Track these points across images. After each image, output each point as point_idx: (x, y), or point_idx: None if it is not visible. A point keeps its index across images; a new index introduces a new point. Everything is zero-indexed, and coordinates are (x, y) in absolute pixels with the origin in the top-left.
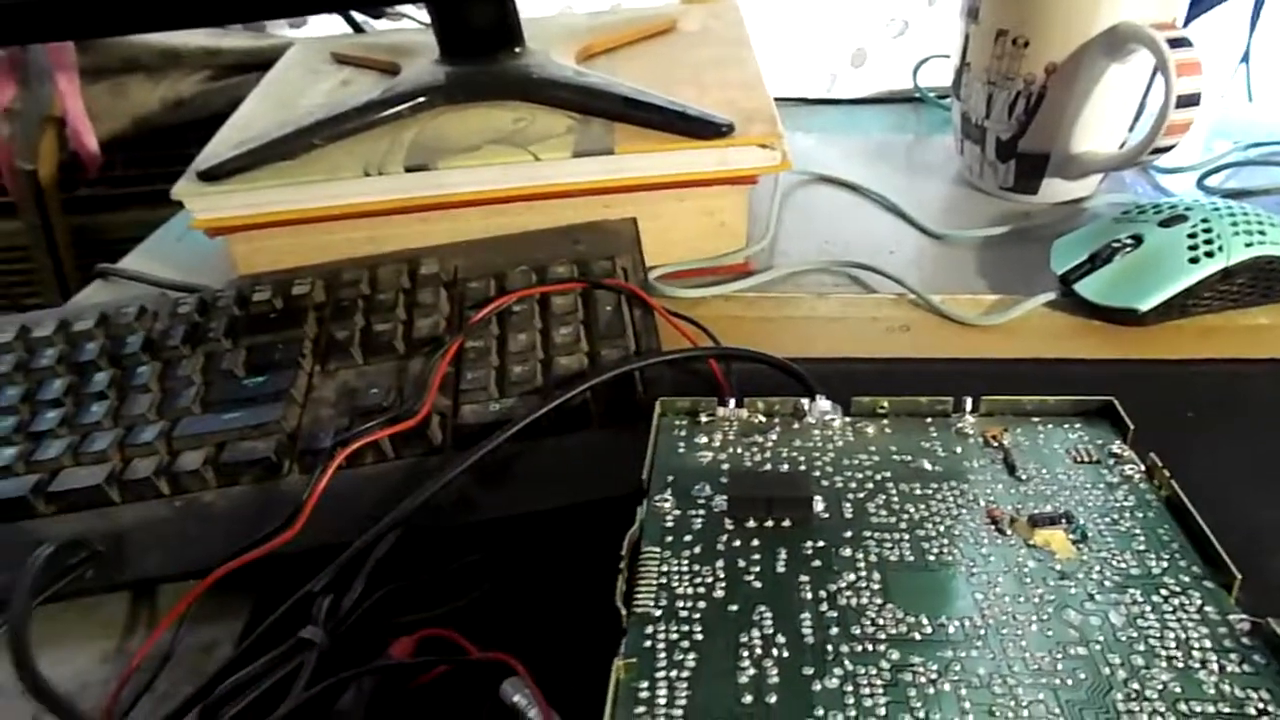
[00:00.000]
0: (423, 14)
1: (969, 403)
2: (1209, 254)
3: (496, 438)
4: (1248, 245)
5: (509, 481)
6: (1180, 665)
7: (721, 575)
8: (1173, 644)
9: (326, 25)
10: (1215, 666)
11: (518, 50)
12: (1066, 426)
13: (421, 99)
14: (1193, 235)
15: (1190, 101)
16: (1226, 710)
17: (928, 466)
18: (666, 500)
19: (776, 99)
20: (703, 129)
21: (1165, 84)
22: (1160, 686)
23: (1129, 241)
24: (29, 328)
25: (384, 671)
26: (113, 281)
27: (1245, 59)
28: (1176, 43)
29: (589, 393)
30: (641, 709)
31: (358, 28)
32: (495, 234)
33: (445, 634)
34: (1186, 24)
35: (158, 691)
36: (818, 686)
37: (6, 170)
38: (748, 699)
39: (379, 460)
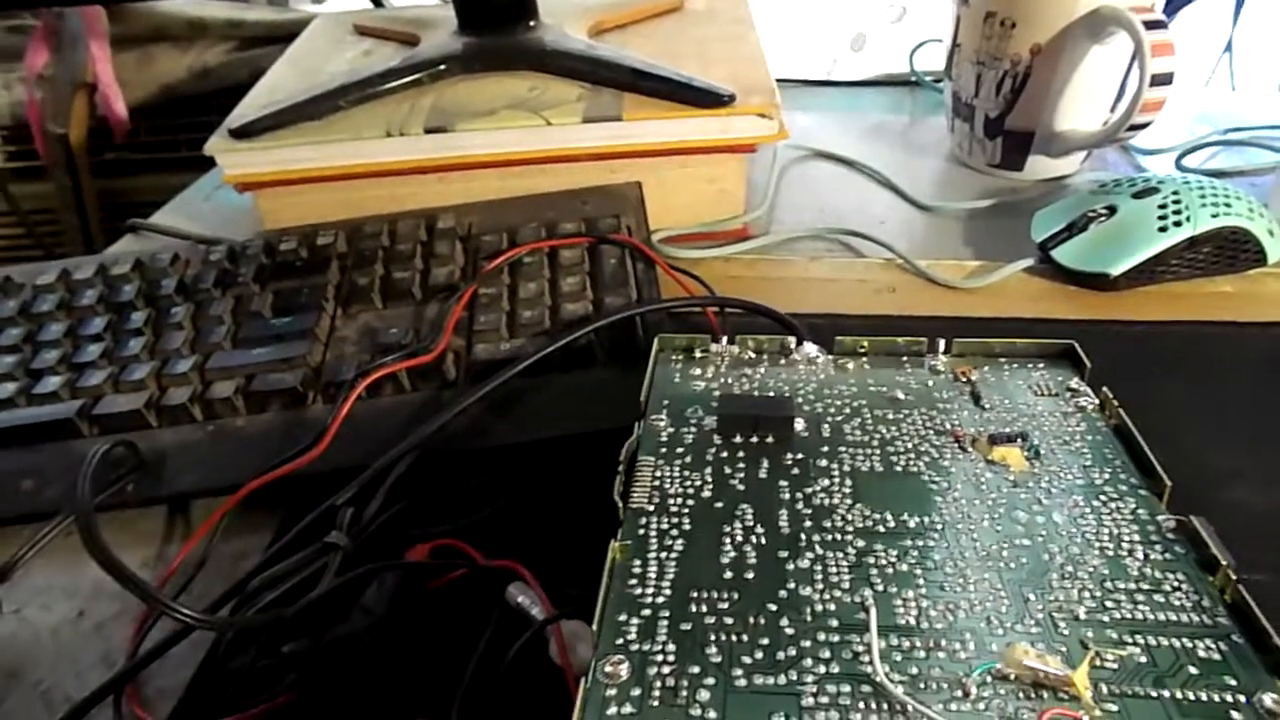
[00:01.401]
0: None
1: (942, 344)
2: (1177, 223)
3: (507, 372)
4: (1214, 216)
5: (518, 412)
6: (1111, 554)
7: (709, 480)
8: (1106, 538)
9: (347, 1)
10: (1141, 555)
11: (532, 24)
12: (1030, 366)
13: (441, 66)
14: (1163, 206)
15: (1164, 80)
16: (1145, 588)
17: (900, 396)
18: (662, 419)
19: (779, 80)
20: (705, 99)
21: (1140, 63)
22: (1091, 569)
23: (1104, 211)
24: (69, 271)
25: (404, 569)
26: (143, 236)
27: (1228, 48)
28: (1152, 25)
29: (593, 334)
30: (634, 582)
31: (378, 2)
32: (508, 195)
33: (457, 544)
34: (1171, 15)
35: (194, 593)
36: (790, 566)
37: (39, 133)
38: (728, 575)
39: (397, 392)
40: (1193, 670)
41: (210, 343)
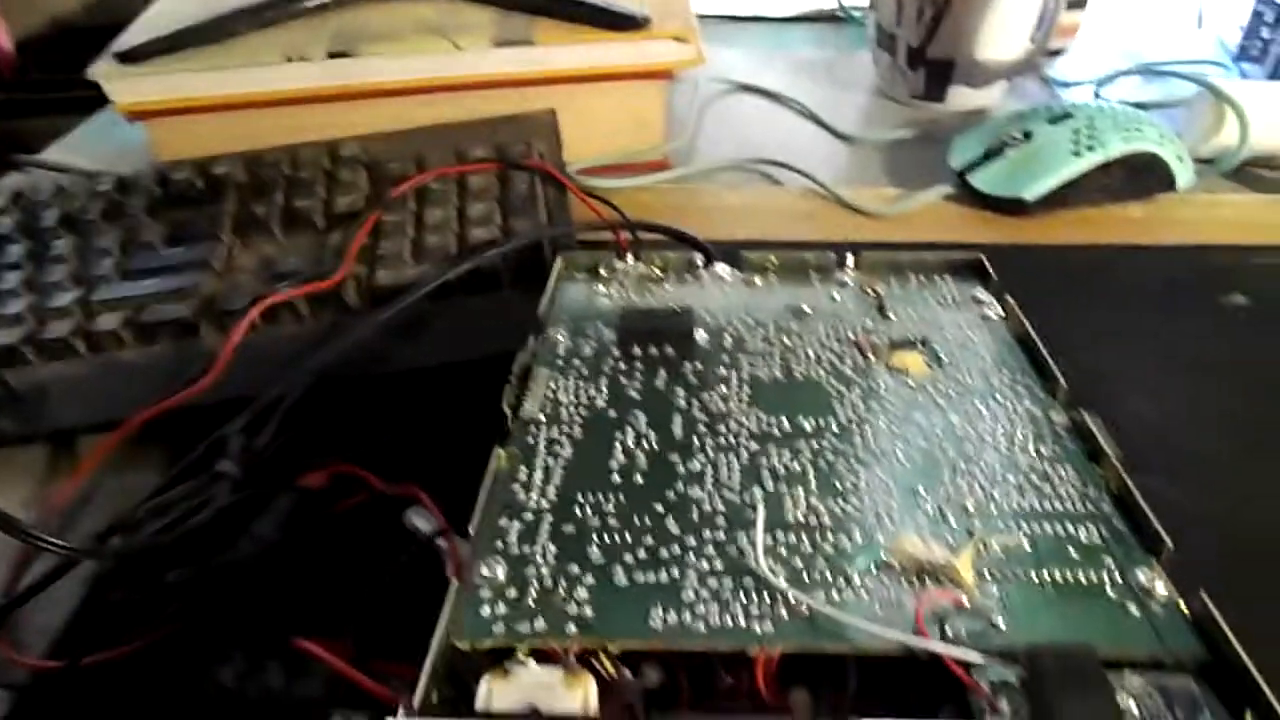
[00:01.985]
0: None
1: (850, 258)
2: (1090, 148)
3: (410, 296)
4: (1125, 141)
5: (423, 337)
6: (1003, 450)
7: (604, 390)
8: (1000, 436)
9: None
10: (1032, 451)
11: None
12: (937, 279)
13: None
14: (1076, 131)
15: (1077, 4)
16: (1034, 480)
17: (806, 308)
18: (561, 334)
19: (706, 15)
20: (620, 21)
21: None
22: (983, 465)
23: (1019, 137)
24: None
25: (298, 496)
26: (28, 173)
27: None
28: None
29: (500, 258)
30: (518, 487)
31: None
32: (416, 125)
33: (355, 470)
34: None
35: (79, 531)
36: (681, 469)
37: None
38: (617, 479)
39: (295, 320)
40: (1073, 554)
41: (95, 275)
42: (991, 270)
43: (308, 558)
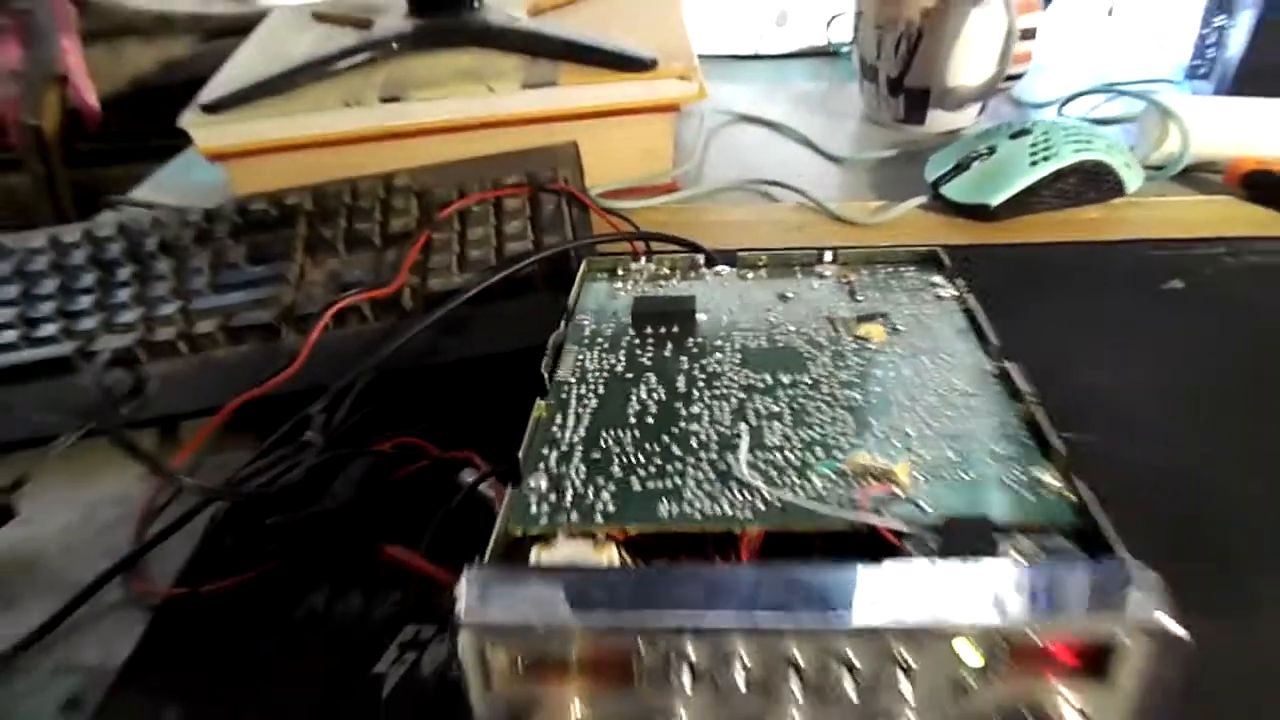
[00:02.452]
0: None
1: (829, 254)
2: (1045, 158)
3: (457, 299)
4: (1076, 151)
5: (467, 333)
6: (943, 393)
7: (622, 359)
8: (941, 383)
9: None
10: (966, 391)
11: (475, 5)
12: (903, 269)
13: (393, 45)
14: (1034, 144)
15: (1029, 35)
16: (965, 413)
17: (789, 294)
18: (586, 319)
19: (711, 55)
20: (631, 64)
21: (1008, 20)
22: (925, 404)
23: (985, 151)
24: (57, 236)
25: (371, 460)
26: (119, 212)
27: (1110, 11)
28: None
29: (533, 266)
30: (555, 429)
31: None
32: (457, 158)
33: (417, 442)
34: None
35: (185, 501)
36: (683, 413)
37: (13, 126)
38: (632, 421)
39: (360, 322)
40: (989, 461)
41: (191, 289)
42: (946, 260)
43: (378, 510)
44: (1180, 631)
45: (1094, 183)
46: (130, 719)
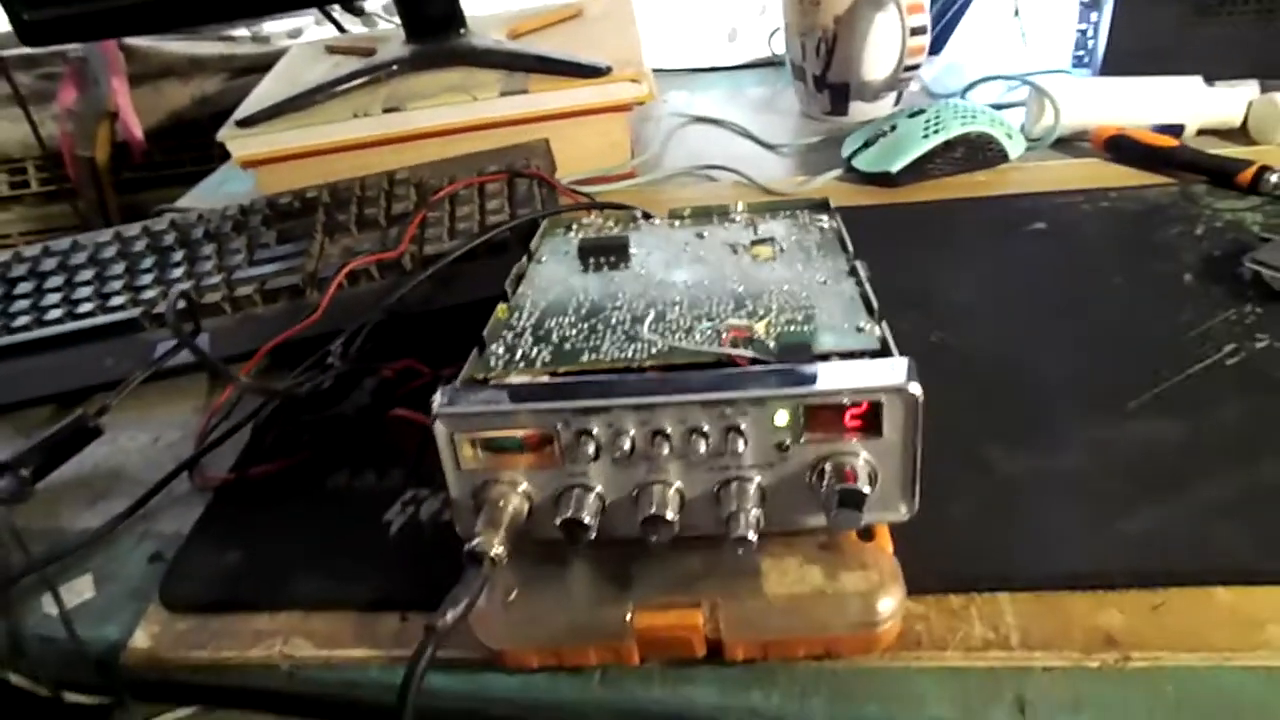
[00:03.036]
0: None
1: (741, 205)
2: (936, 130)
3: (448, 258)
4: (962, 124)
5: (457, 284)
6: (806, 284)
7: (569, 278)
8: (809, 280)
9: (318, 35)
10: (825, 281)
11: (462, 31)
12: (799, 213)
13: (394, 66)
14: (928, 120)
15: (919, 31)
16: (819, 296)
17: (704, 234)
18: (544, 256)
19: (669, 70)
20: (589, 72)
21: (901, 20)
22: (790, 293)
23: (888, 129)
24: (120, 233)
25: (379, 379)
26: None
27: (1016, 13)
28: None
29: (508, 232)
30: (512, 319)
31: (342, 29)
32: (448, 156)
33: (414, 364)
34: None
35: (233, 419)
36: (608, 305)
37: (69, 157)
38: (571, 314)
39: (370, 281)
40: (829, 319)
41: (232, 265)
42: (830, 204)
43: (384, 415)
44: (919, 392)
45: (980, 151)
46: (200, 564)
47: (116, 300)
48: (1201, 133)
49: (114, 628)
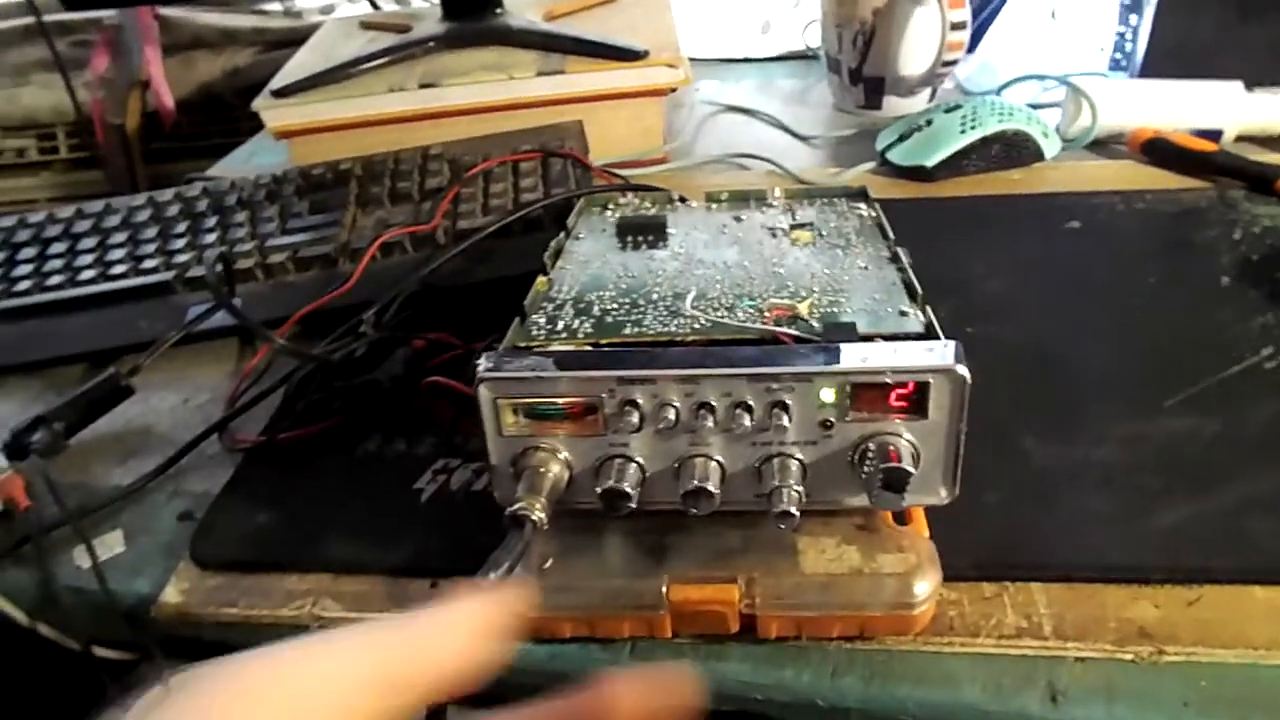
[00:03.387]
0: None
1: (778, 190)
2: (973, 127)
3: (481, 233)
4: (1000, 121)
5: (491, 260)
6: (847, 268)
7: (607, 255)
8: (850, 264)
9: (351, 11)
10: (866, 267)
11: (499, 11)
12: (837, 201)
13: (431, 43)
14: (964, 116)
15: (960, 26)
16: (861, 279)
17: (742, 217)
18: (582, 233)
19: (703, 59)
20: (627, 55)
21: (942, 14)
22: (833, 275)
23: (924, 124)
24: (154, 197)
25: (411, 350)
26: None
27: (1053, 14)
28: None
29: (542, 210)
30: (553, 292)
31: (375, 5)
32: (483, 134)
33: (446, 337)
34: None
35: (263, 384)
36: (649, 282)
37: (99, 124)
38: (610, 288)
39: (403, 254)
40: (871, 304)
41: (264, 233)
42: (870, 192)
43: (416, 386)
44: (966, 374)
45: (1016, 149)
46: (230, 523)
47: (149, 263)
48: (1241, 139)
49: (145, 582)
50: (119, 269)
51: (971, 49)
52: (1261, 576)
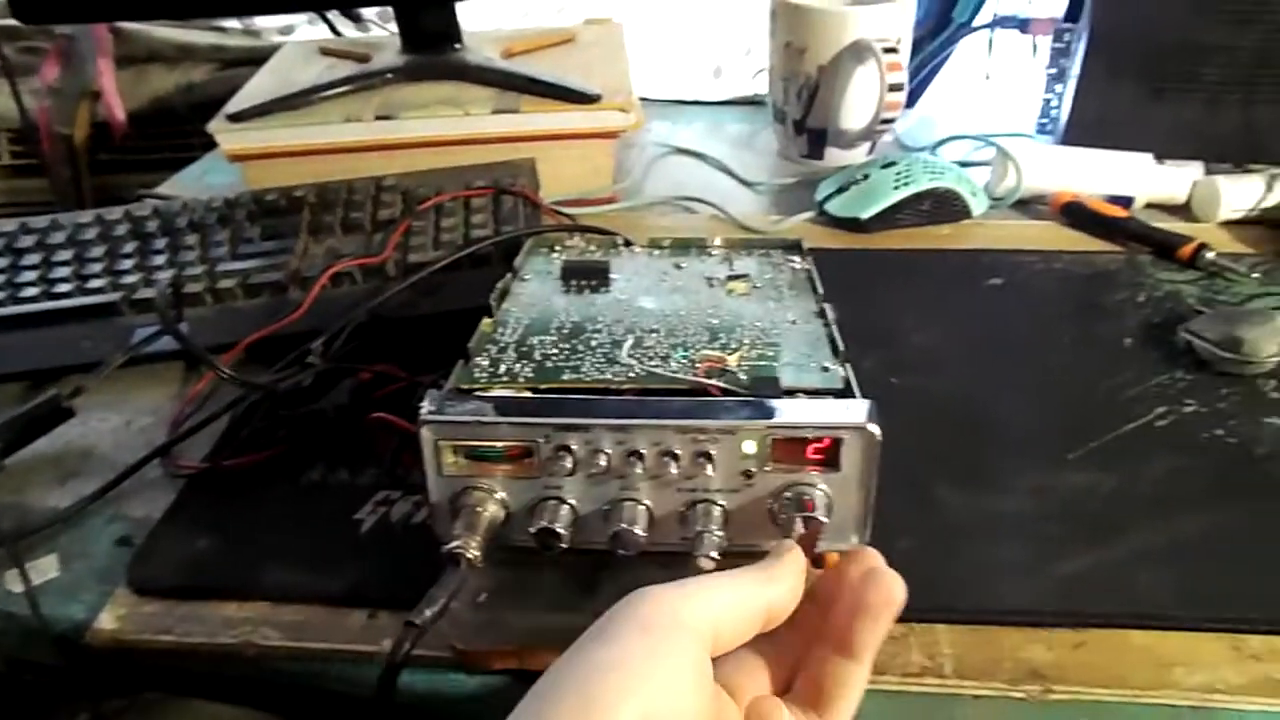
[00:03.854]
0: (389, 24)
1: (717, 239)
2: (905, 183)
3: (431, 267)
4: (931, 179)
5: (439, 293)
6: (777, 321)
7: (550, 298)
8: (780, 317)
9: (311, 34)
10: (795, 320)
11: (458, 46)
12: (773, 252)
13: (388, 75)
14: (898, 173)
15: (897, 88)
16: (789, 332)
17: (682, 265)
18: (528, 274)
19: (655, 100)
20: (580, 97)
21: (880, 77)
22: (762, 328)
23: (861, 177)
24: (102, 215)
25: (356, 382)
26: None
27: (988, 77)
28: (888, 50)
29: (492, 246)
30: (496, 334)
31: (337, 31)
32: (437, 168)
33: (392, 369)
34: (943, 47)
35: (207, 410)
36: (589, 329)
37: (45, 134)
38: (553, 333)
39: (353, 284)
40: (795, 357)
41: (215, 256)
42: (804, 245)
43: (361, 417)
44: (878, 431)
45: (946, 206)
46: (169, 549)
47: (96, 283)
48: (1149, 206)
49: (79, 607)
50: (64, 287)
51: (911, 104)
52: (1141, 622)
